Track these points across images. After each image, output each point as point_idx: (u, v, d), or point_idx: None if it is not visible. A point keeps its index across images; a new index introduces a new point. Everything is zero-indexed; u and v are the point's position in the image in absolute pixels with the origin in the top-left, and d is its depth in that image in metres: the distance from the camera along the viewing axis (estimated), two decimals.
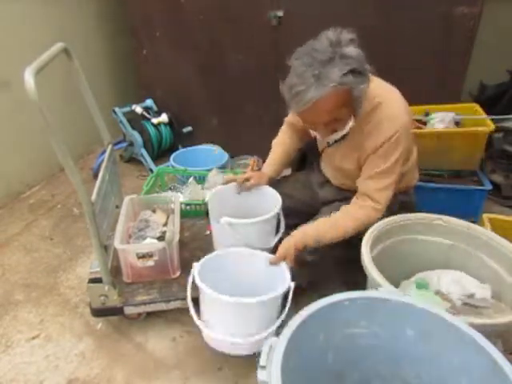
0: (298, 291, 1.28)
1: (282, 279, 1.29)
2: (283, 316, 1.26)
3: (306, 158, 1.79)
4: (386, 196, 1.31)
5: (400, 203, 1.49)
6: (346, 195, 1.47)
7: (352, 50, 1.10)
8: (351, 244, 1.30)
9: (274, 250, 1.41)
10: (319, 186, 1.62)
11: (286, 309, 1.26)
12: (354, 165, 1.39)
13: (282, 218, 1.55)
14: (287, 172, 1.83)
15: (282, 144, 1.63)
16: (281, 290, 1.23)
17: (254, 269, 1.41)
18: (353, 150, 1.36)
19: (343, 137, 1.32)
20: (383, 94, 1.27)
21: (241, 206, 1.64)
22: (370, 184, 1.32)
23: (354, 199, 1.38)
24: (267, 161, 1.64)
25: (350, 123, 1.24)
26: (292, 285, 1.26)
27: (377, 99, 1.25)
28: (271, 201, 1.54)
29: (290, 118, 1.60)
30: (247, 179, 1.57)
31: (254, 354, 1.26)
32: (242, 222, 1.45)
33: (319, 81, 1.07)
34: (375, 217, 1.32)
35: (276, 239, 1.52)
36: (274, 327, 1.25)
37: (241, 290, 1.24)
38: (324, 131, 1.25)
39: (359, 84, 1.12)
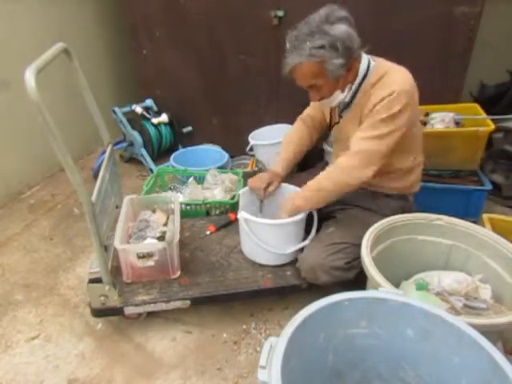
0: (298, 291, 1.27)
1: None
2: (313, 231, 1.52)
3: (308, 159, 1.80)
4: (364, 146, 1.30)
5: (401, 209, 1.49)
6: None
7: (337, 28, 1.19)
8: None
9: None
10: None
11: (314, 229, 1.52)
12: (358, 127, 1.39)
13: (315, 227, 1.53)
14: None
15: (292, 143, 1.69)
16: (303, 215, 1.47)
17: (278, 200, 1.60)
18: (358, 113, 1.38)
19: (349, 104, 1.41)
20: (390, 67, 1.34)
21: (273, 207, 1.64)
22: (356, 134, 1.34)
23: None
24: (278, 158, 1.68)
25: (341, 95, 1.36)
26: (314, 212, 1.53)
27: (383, 71, 1.33)
28: None
29: (308, 110, 1.71)
30: (268, 185, 1.60)
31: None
32: (258, 220, 1.42)
33: (296, 50, 1.24)
34: (348, 163, 1.32)
35: (296, 247, 1.50)
36: (306, 241, 1.50)
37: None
38: (312, 95, 1.38)
39: (332, 59, 1.23)
